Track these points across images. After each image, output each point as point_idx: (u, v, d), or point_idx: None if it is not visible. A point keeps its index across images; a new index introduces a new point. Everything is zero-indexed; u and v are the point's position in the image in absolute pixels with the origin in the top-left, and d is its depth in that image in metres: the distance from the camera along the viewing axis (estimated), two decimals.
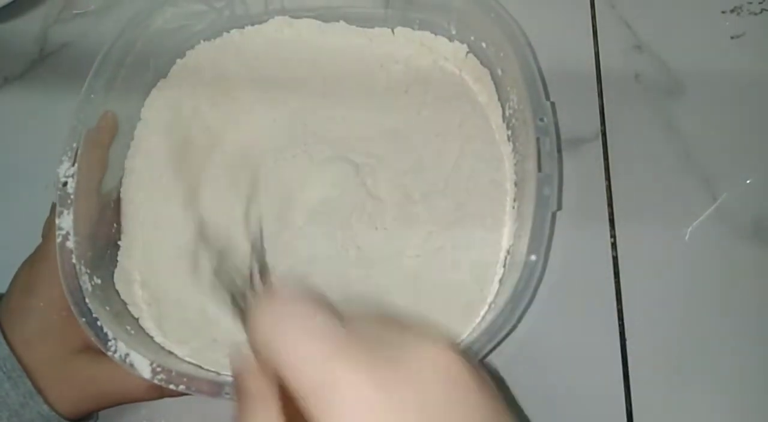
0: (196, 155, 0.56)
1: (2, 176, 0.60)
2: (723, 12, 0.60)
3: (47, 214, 0.53)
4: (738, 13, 0.60)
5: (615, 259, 0.55)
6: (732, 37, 0.59)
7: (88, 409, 0.49)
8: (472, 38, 0.56)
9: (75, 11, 0.65)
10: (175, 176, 0.55)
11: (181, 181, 0.55)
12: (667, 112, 0.58)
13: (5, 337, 0.47)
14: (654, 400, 0.52)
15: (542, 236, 0.46)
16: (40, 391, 0.46)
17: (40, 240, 0.52)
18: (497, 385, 0.32)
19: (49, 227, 0.49)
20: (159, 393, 0.48)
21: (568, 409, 0.52)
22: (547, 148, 0.47)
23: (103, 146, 0.52)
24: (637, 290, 0.54)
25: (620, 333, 0.53)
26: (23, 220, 0.56)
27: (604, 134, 0.58)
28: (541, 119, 0.48)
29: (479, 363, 0.46)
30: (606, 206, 0.56)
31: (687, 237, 0.54)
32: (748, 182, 0.55)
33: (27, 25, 0.65)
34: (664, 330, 0.53)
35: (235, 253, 0.50)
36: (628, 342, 0.53)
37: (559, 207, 0.48)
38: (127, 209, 0.54)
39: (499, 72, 0.55)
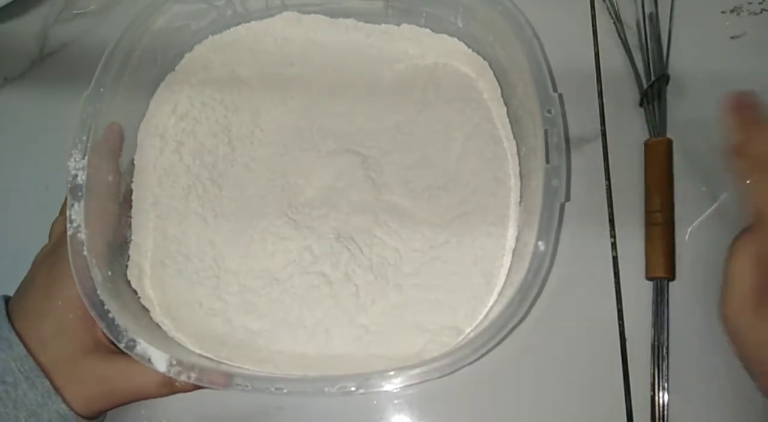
0: (204, 150, 0.56)
1: (3, 176, 0.60)
2: (723, 12, 0.60)
3: (48, 213, 0.53)
4: (738, 13, 0.60)
5: (615, 259, 0.55)
6: (732, 37, 0.59)
7: (99, 408, 0.49)
8: (479, 31, 0.56)
9: (75, 11, 0.65)
10: (185, 170, 0.55)
11: (191, 175, 0.55)
12: (667, 112, 0.58)
13: (21, 338, 0.47)
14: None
15: (550, 225, 0.46)
16: (57, 390, 0.46)
17: (44, 240, 0.52)
18: None
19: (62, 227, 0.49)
20: (170, 389, 0.48)
21: (568, 408, 0.52)
22: (555, 140, 0.47)
23: (113, 156, 0.52)
24: (637, 291, 0.54)
25: (620, 333, 0.53)
26: (24, 219, 0.57)
27: (604, 134, 0.58)
28: (549, 111, 0.48)
29: None
30: (606, 206, 0.56)
31: (687, 237, 0.55)
32: (748, 181, 0.55)
33: (27, 25, 0.65)
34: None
35: None
36: (628, 342, 0.53)
37: (567, 198, 0.48)
38: (138, 204, 0.55)
39: (506, 65, 0.55)
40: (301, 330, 0.51)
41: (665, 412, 0.51)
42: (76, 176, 0.49)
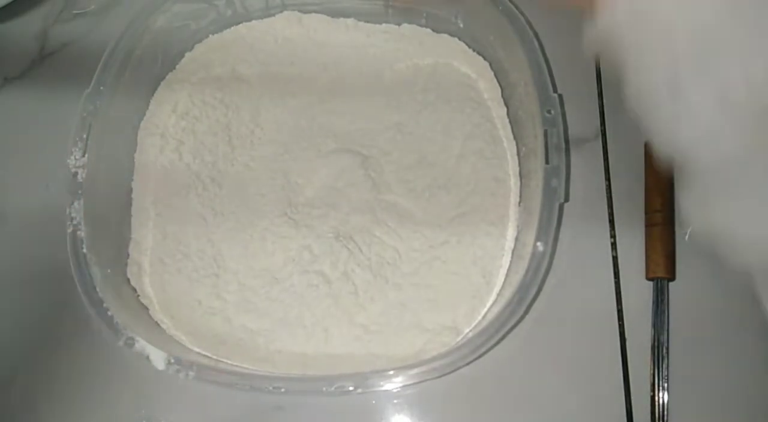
0: (204, 149, 0.56)
1: (2, 176, 0.60)
2: None
3: (49, 211, 0.53)
4: None
5: (615, 259, 0.55)
6: None
7: None
8: (479, 31, 0.57)
9: (75, 11, 0.65)
10: (185, 169, 0.55)
11: (191, 174, 0.55)
12: None
13: None
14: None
15: (550, 226, 0.47)
16: None
17: (42, 238, 0.52)
18: None
19: None
20: None
21: (568, 408, 0.52)
22: (555, 140, 0.48)
23: None
24: (637, 291, 0.54)
25: (620, 333, 0.53)
26: (24, 218, 0.57)
27: (604, 134, 0.58)
28: (549, 111, 0.48)
29: None
30: (606, 207, 0.56)
31: (687, 237, 0.54)
32: None
33: (27, 25, 0.65)
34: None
35: None
36: (628, 342, 0.53)
37: (567, 199, 0.48)
38: (138, 202, 0.55)
39: (506, 65, 0.55)
40: (300, 329, 0.51)
41: (665, 412, 0.51)
42: (76, 174, 0.49)
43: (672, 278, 0.53)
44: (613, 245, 0.55)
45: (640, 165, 0.56)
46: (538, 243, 0.46)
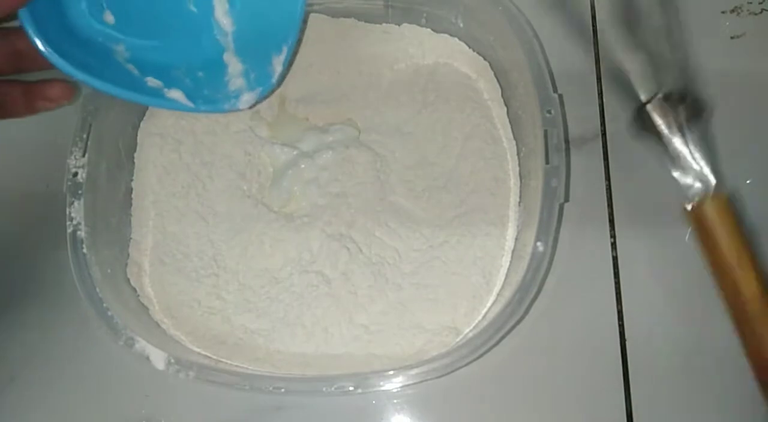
0: (203, 148, 0.56)
1: (3, 175, 0.60)
2: (723, 12, 0.60)
3: (49, 212, 0.53)
4: (738, 13, 0.60)
5: (615, 259, 0.55)
6: (732, 37, 0.59)
7: None
8: (479, 31, 0.56)
9: None
10: (185, 168, 0.55)
11: (191, 173, 0.55)
12: None
13: None
14: (654, 400, 0.51)
15: (549, 226, 0.47)
16: None
17: (41, 238, 0.53)
18: None
19: None
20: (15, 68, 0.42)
21: (568, 408, 0.52)
22: (554, 140, 0.48)
23: None
24: (637, 290, 0.54)
25: (620, 333, 0.53)
26: (24, 218, 0.57)
27: (604, 134, 0.58)
28: (549, 111, 0.48)
29: None
30: (606, 206, 0.56)
31: (687, 237, 0.54)
32: (748, 182, 0.55)
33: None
34: (664, 329, 0.53)
35: None
36: (627, 342, 0.53)
37: (567, 199, 0.49)
38: (138, 202, 0.55)
39: (506, 65, 0.55)
40: (300, 329, 0.51)
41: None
42: (76, 174, 0.49)
43: None
44: (613, 245, 0.55)
45: (640, 165, 0.56)
46: (538, 243, 0.46)
